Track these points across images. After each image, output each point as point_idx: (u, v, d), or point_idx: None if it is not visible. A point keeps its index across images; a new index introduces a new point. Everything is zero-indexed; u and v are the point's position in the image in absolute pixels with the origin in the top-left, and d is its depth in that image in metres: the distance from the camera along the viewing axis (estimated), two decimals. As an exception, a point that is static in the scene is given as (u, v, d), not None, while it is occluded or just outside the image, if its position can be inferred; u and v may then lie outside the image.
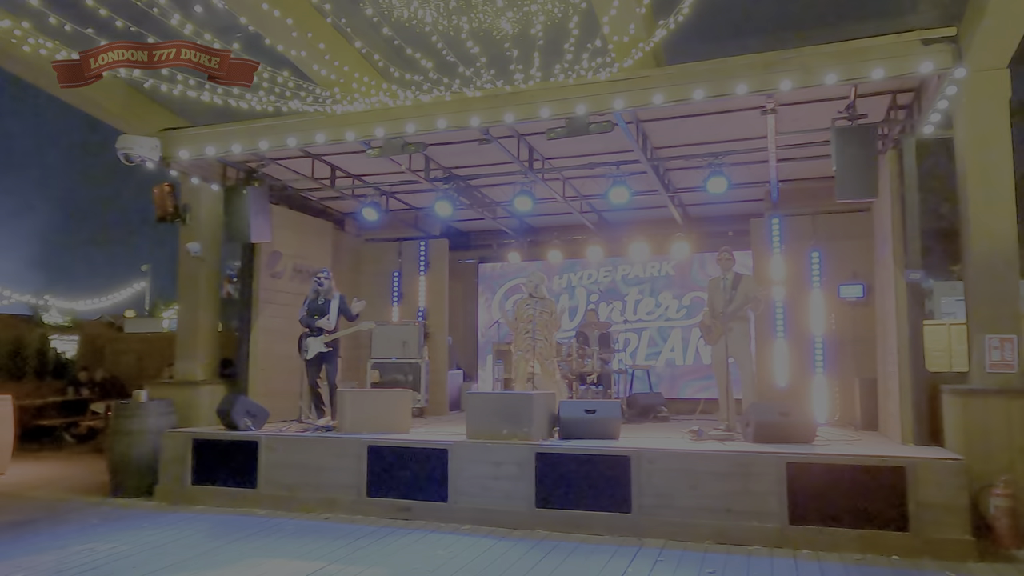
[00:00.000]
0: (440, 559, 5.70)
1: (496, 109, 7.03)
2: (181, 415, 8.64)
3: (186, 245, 9.17)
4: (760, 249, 9.76)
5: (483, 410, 7.16)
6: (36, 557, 5.83)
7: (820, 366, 9.20)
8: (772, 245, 9.58)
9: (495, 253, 12.91)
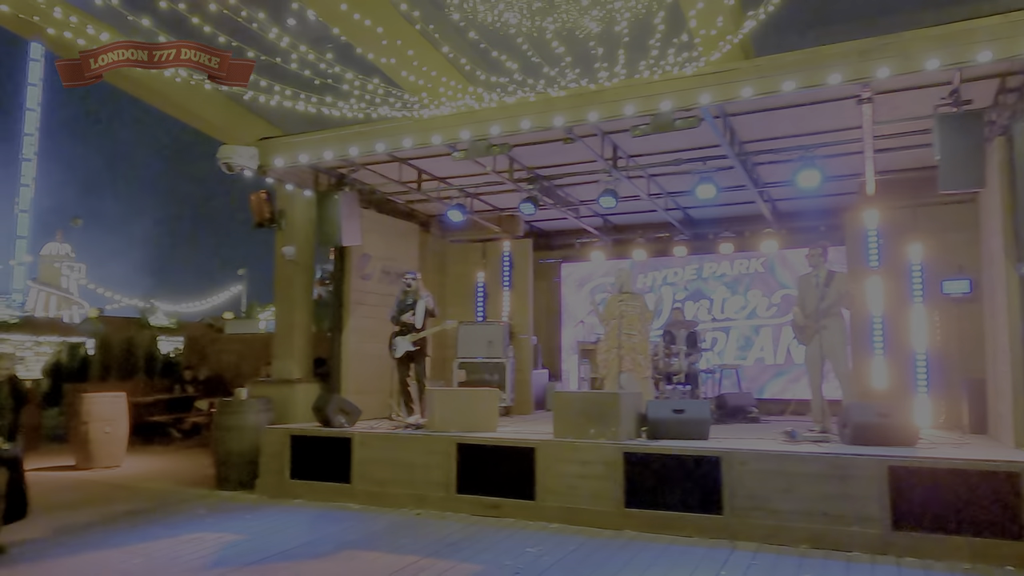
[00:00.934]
0: (530, 556, 5.75)
1: (580, 108, 7.03)
2: (279, 412, 9.01)
3: (282, 249, 9.56)
4: (854, 244, 9.39)
5: (570, 409, 7.18)
6: (151, 544, 6.21)
7: (922, 366, 8.77)
8: (868, 240, 9.20)
9: (578, 252, 12.89)
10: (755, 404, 9.85)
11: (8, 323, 23.07)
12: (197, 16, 5.59)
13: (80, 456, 10.27)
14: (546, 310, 13.05)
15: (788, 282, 11.37)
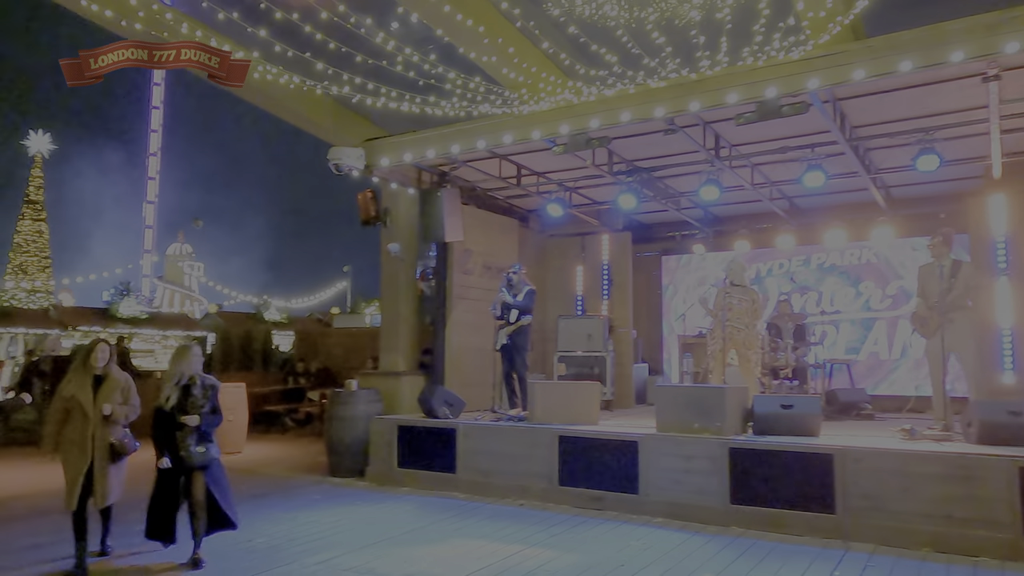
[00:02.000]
0: (634, 550, 5.75)
1: (681, 98, 6.92)
2: (386, 403, 9.33)
3: (387, 246, 9.88)
4: (980, 231, 8.82)
5: (673, 403, 7.10)
6: (271, 526, 6.59)
7: (1058, 361, 8.16)
8: (995, 226, 8.61)
9: (679, 245, 12.69)
10: (868, 400, 9.43)
11: (139, 318, 24.85)
12: (309, 25, 5.88)
13: (206, 442, 10.98)
14: (646, 304, 12.92)
15: (905, 272, 10.80)
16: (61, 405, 5.45)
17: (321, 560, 5.50)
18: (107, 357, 5.54)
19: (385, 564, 5.40)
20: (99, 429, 5.41)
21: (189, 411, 5.45)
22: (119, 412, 5.48)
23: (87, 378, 5.46)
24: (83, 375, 5.47)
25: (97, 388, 5.45)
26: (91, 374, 5.46)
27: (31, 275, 39.25)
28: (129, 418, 5.60)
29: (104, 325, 24.57)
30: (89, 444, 5.37)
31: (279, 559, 5.53)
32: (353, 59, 6.53)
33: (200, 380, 5.57)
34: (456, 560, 5.48)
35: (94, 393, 5.42)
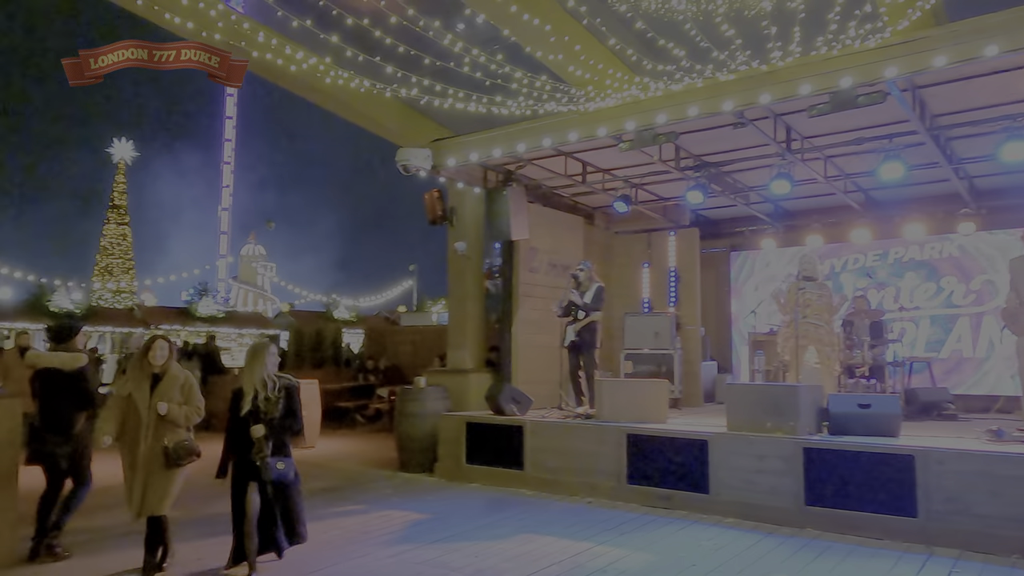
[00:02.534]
0: (705, 550, 5.68)
1: (751, 91, 6.78)
2: (454, 400, 9.46)
3: (454, 245, 10.01)
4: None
5: (744, 402, 6.98)
6: (345, 519, 6.76)
7: None
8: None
9: (748, 241, 12.43)
10: (951, 400, 9.06)
11: (217, 317, 25.81)
12: (379, 30, 6.01)
13: (281, 437, 11.33)
14: (714, 300, 12.71)
15: (990, 267, 10.33)
16: (117, 406, 5.10)
17: (394, 553, 5.62)
18: (166, 355, 5.12)
19: (456, 558, 5.48)
20: (153, 431, 4.97)
21: (263, 416, 4.98)
22: (176, 412, 5.04)
23: (144, 376, 5.07)
24: (140, 373, 5.09)
25: (154, 387, 5.05)
26: (149, 372, 5.07)
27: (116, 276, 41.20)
28: (191, 420, 5.13)
29: (184, 324, 25.63)
30: (140, 447, 4.95)
31: (353, 551, 5.68)
32: (421, 61, 6.64)
33: (275, 382, 5.09)
34: (526, 556, 5.53)
35: (151, 393, 5.02)
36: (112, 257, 42.62)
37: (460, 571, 5.19)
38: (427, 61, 6.20)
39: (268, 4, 6.15)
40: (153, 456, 4.95)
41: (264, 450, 4.93)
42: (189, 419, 5.12)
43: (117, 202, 44.01)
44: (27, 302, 22.44)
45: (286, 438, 5.11)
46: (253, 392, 5.04)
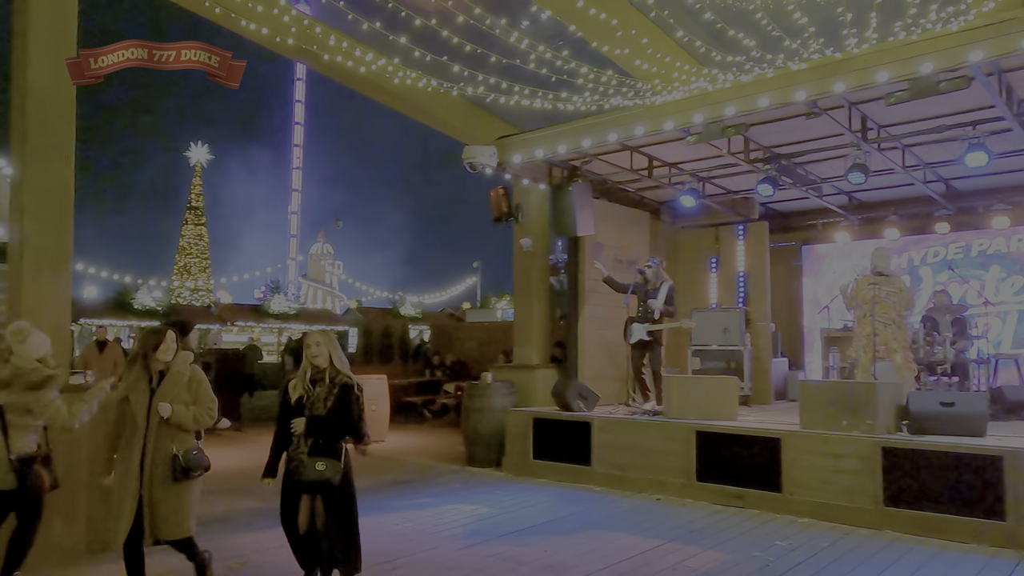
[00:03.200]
0: (779, 550, 5.57)
1: (824, 80, 6.59)
2: (520, 395, 9.51)
3: (520, 241, 10.05)
4: None
5: (818, 399, 6.81)
6: (416, 512, 6.89)
7: None
8: None
9: (820, 234, 12.07)
10: (1042, 399, 8.61)
11: (288, 314, 26.58)
12: (446, 29, 6.09)
13: (352, 430, 11.61)
14: (785, 296, 12.40)
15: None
16: (114, 414, 4.36)
17: (464, 545, 5.71)
18: (175, 348, 4.39)
19: (526, 552, 5.52)
20: (155, 438, 4.22)
21: (308, 410, 4.30)
22: (183, 415, 4.28)
23: (145, 374, 4.33)
24: (141, 371, 4.33)
25: (157, 387, 4.30)
26: (152, 369, 4.33)
27: (194, 275, 42.88)
28: (201, 423, 4.40)
29: (257, 320, 26.48)
30: (138, 457, 4.18)
31: (425, 543, 5.79)
32: (487, 60, 6.69)
33: (331, 376, 4.37)
34: (595, 552, 5.53)
35: (151, 393, 4.28)
36: (190, 256, 44.40)
37: (529, 565, 5.23)
38: (493, 59, 6.23)
39: (339, 8, 6.30)
40: (157, 468, 4.19)
41: (301, 446, 4.27)
42: (199, 422, 4.38)
43: (194, 203, 45.82)
44: (112, 300, 23.58)
45: (336, 439, 4.34)
46: (305, 381, 4.40)
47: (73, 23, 5.66)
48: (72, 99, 5.76)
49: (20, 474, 4.32)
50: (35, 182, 5.55)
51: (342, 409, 4.32)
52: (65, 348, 5.74)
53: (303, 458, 4.26)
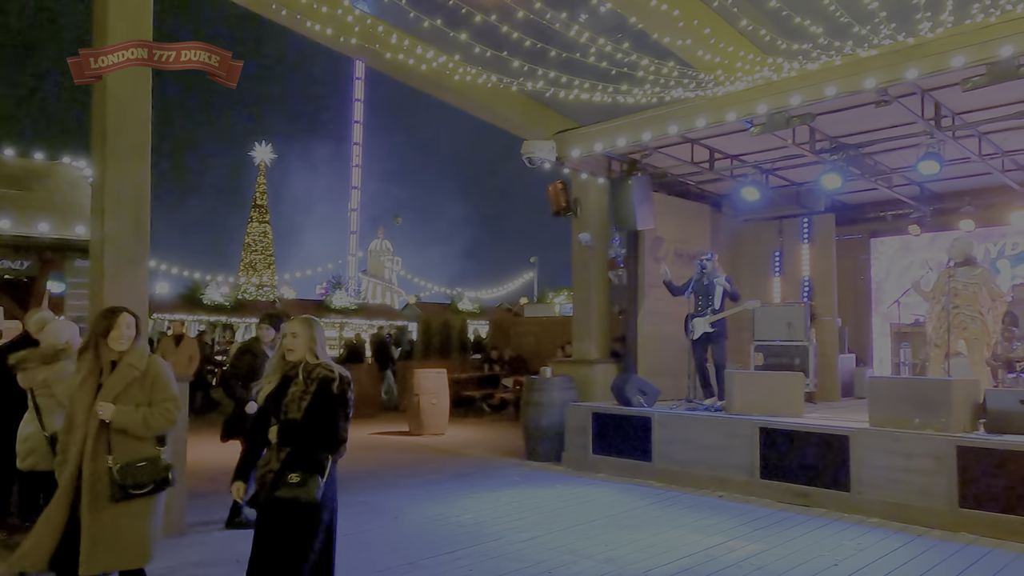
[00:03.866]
0: (847, 550, 5.44)
1: (895, 66, 6.38)
2: (579, 390, 9.50)
3: (578, 236, 10.03)
4: None
5: (889, 396, 6.60)
6: (477, 504, 6.96)
7: None
8: None
9: (890, 226, 11.68)
10: None
11: (349, 309, 27.10)
12: (505, 25, 6.11)
13: (413, 423, 11.80)
14: (852, 290, 12.05)
15: None
16: None
17: (525, 538, 5.74)
18: (133, 334, 3.66)
19: (587, 546, 5.53)
20: (94, 444, 3.46)
21: (282, 413, 3.43)
22: (127, 418, 3.50)
23: (96, 367, 3.60)
24: (92, 362, 3.61)
25: None
26: (104, 360, 3.61)
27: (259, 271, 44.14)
28: (154, 427, 3.58)
29: (320, 315, 27.06)
30: (73, 468, 3.47)
31: (486, 535, 5.84)
32: (547, 54, 6.69)
33: (309, 370, 3.44)
34: (657, 547, 5.49)
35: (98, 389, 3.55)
36: (255, 253, 45.73)
37: (591, 558, 5.23)
38: (552, 53, 6.23)
39: (401, 6, 6.39)
40: (98, 482, 3.46)
41: (272, 460, 3.41)
42: (151, 426, 3.58)
43: (259, 202, 47.12)
44: (183, 296, 24.43)
45: (311, 448, 3.36)
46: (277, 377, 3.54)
47: (148, 29, 5.88)
48: (148, 102, 5.99)
49: None
50: (114, 183, 5.79)
51: (322, 412, 3.38)
52: (142, 340, 5.93)
53: (276, 469, 3.36)
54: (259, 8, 6.83)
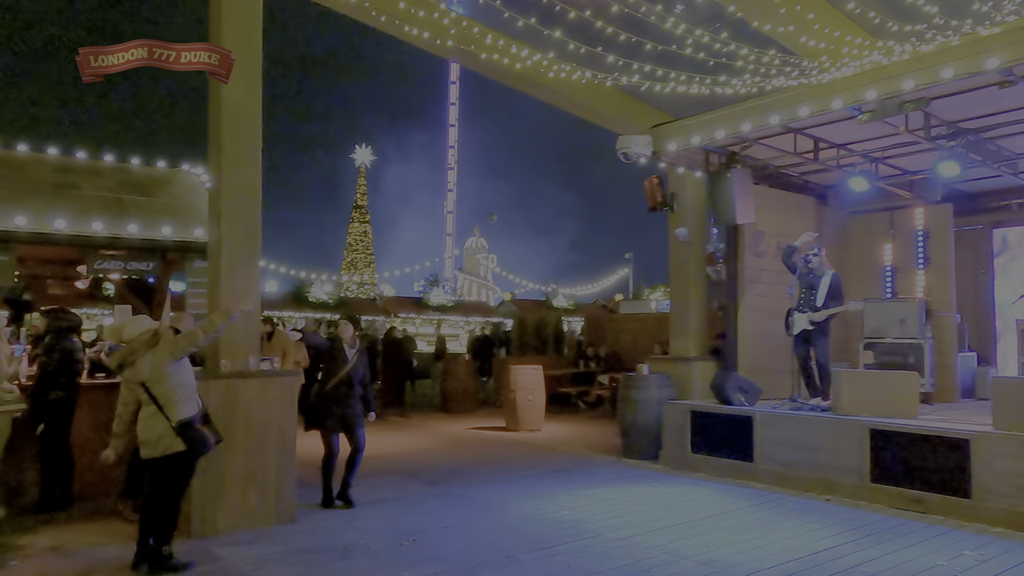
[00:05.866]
0: (968, 560, 5.12)
1: (1021, 43, 5.93)
2: (677, 388, 9.34)
3: (675, 231, 9.85)
4: None
5: (1016, 398, 6.17)
6: (574, 500, 6.97)
7: None
8: None
9: (1015, 215, 10.86)
10: None
11: (447, 306, 27.66)
12: (600, 19, 6.07)
13: (510, 419, 11.92)
14: (973, 284, 11.29)
15: None
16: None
17: (623, 536, 5.71)
18: None
19: (687, 547, 5.44)
20: None
21: None
22: None
23: None
24: None
25: None
26: None
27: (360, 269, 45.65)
28: None
29: (418, 312, 27.75)
30: None
31: (584, 531, 5.85)
32: (642, 47, 6.60)
33: None
34: (761, 550, 5.35)
35: None
36: (356, 252, 47.34)
37: (690, 559, 5.15)
38: (648, 47, 6.13)
39: (495, 7, 6.47)
40: None
41: None
42: None
43: (359, 203, 48.74)
44: (290, 294, 25.59)
45: None
46: None
47: (258, 39, 6.19)
48: (259, 109, 6.30)
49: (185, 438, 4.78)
50: (229, 187, 6.13)
51: None
52: (255, 337, 6.32)
53: None
54: (359, 15, 7.05)
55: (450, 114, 54.26)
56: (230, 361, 5.99)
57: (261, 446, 6.00)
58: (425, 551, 5.35)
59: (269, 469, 6.03)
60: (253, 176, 6.25)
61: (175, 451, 4.80)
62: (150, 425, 4.83)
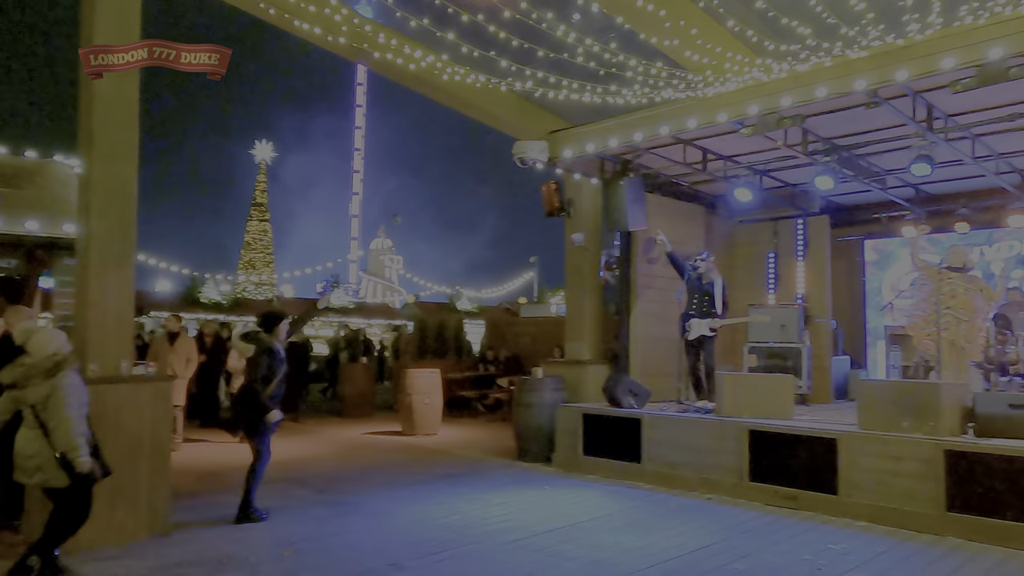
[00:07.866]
0: (832, 553, 5.41)
1: (885, 68, 6.35)
2: (571, 391, 9.47)
3: (571, 237, 10.00)
4: None
5: (879, 399, 6.58)
6: (465, 504, 6.93)
7: None
8: None
9: (884, 227, 11.63)
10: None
11: (348, 308, 27.12)
12: (493, 24, 6.08)
13: (405, 423, 11.77)
14: (847, 292, 12.02)
15: None
16: None
17: (512, 540, 5.72)
18: None
19: (573, 548, 5.50)
20: None
21: None
22: None
23: None
24: None
25: None
26: None
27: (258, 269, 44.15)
28: None
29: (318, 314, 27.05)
30: None
31: (472, 536, 5.82)
32: (535, 54, 6.66)
33: None
34: (643, 550, 5.47)
35: None
36: (255, 252, 45.74)
37: (575, 561, 5.21)
38: (541, 53, 6.20)
39: (387, 5, 6.37)
40: None
41: None
42: None
43: (259, 200, 47.14)
44: (182, 294, 24.43)
45: None
46: None
47: (136, 28, 5.86)
48: (135, 101, 5.96)
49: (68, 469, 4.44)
50: (100, 181, 5.76)
51: None
52: (128, 340, 5.94)
53: None
54: (247, 6, 6.80)
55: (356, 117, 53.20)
56: (99, 365, 5.63)
57: (133, 455, 5.65)
58: (306, 561, 5.19)
59: (141, 480, 5.70)
60: (128, 170, 5.91)
61: (53, 487, 4.45)
62: (31, 452, 4.45)
